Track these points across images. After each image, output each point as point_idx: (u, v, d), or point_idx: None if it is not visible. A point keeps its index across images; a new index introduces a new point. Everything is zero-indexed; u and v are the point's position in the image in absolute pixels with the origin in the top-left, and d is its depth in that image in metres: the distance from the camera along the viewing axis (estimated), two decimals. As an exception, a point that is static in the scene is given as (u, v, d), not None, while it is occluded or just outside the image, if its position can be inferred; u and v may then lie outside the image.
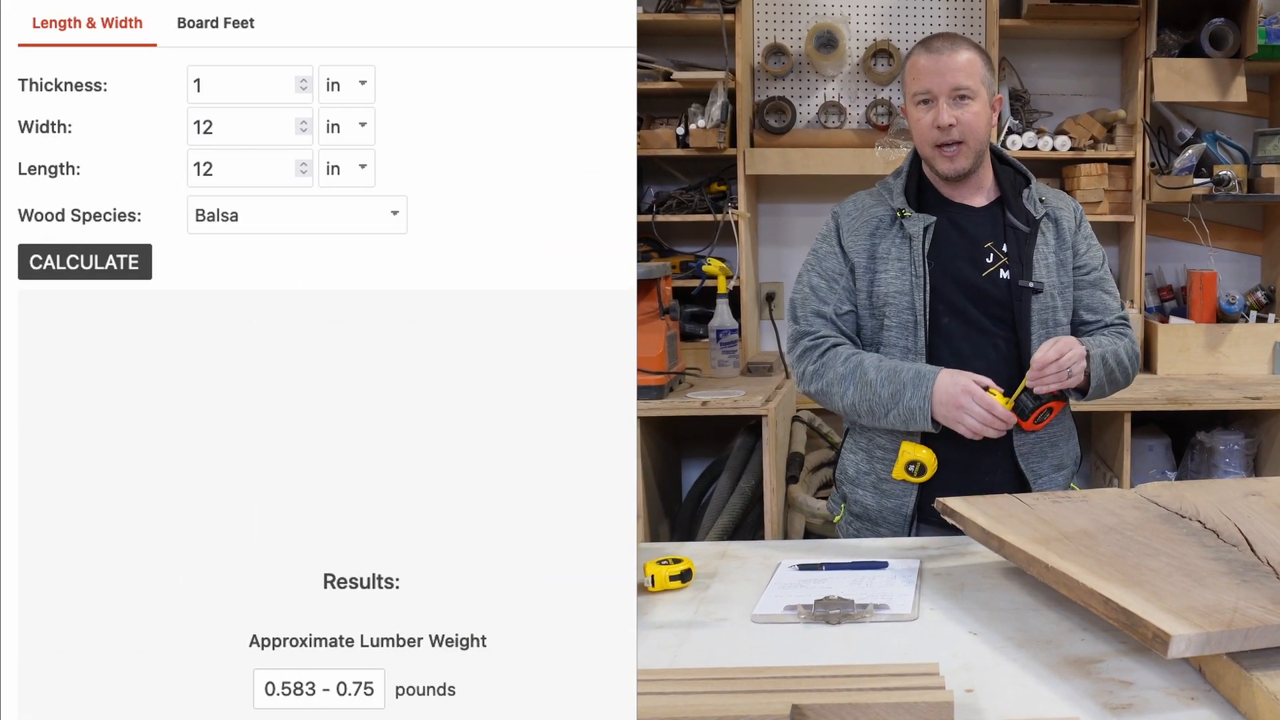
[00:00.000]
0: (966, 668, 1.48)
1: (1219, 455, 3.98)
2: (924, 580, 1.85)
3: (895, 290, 2.36)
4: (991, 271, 2.38)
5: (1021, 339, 2.37)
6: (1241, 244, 4.54)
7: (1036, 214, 2.42)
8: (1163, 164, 4.26)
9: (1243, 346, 4.18)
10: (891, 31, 4.37)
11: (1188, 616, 1.35)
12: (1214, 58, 4.11)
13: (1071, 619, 1.64)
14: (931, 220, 2.38)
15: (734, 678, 1.39)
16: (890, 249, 2.38)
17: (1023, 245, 2.39)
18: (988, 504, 1.92)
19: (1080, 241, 2.48)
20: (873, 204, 2.46)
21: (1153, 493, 1.99)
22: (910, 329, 2.35)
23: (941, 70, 2.31)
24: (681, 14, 4.10)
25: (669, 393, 3.63)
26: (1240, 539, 1.69)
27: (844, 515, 2.51)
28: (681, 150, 4.13)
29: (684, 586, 1.85)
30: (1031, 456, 2.39)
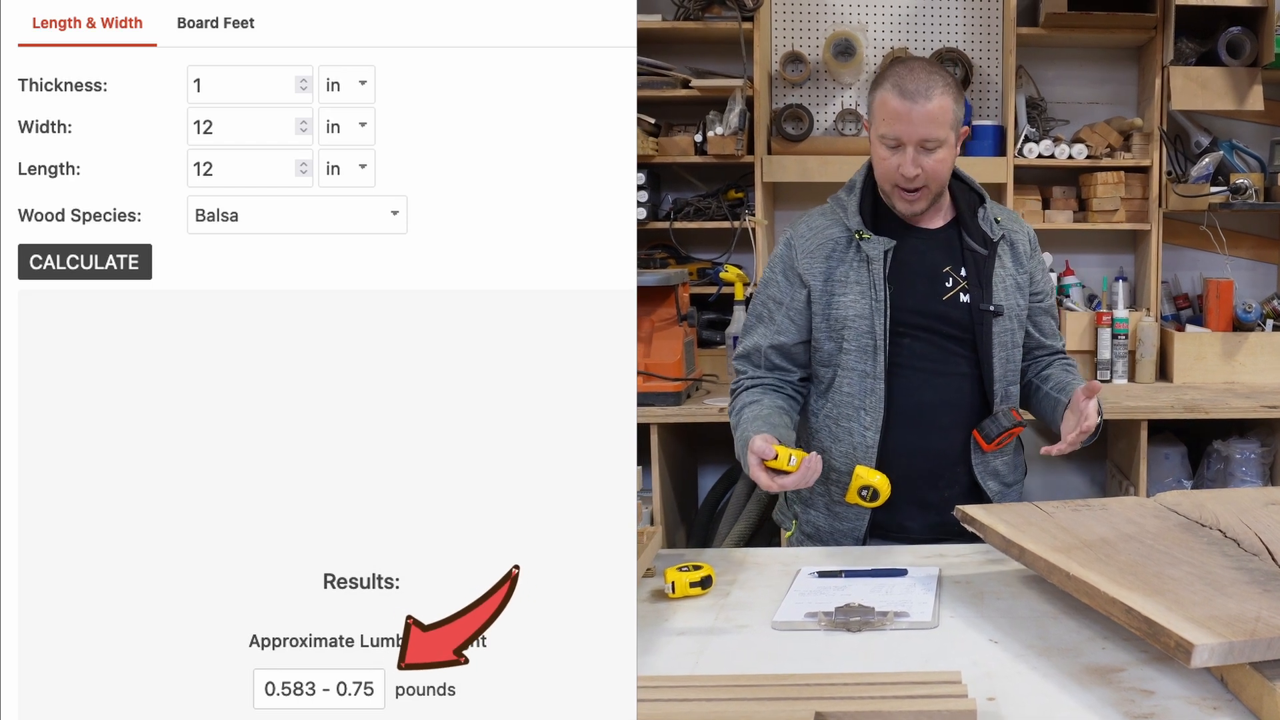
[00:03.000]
0: (988, 676, 1.49)
1: (1235, 464, 3.97)
2: (943, 588, 1.85)
3: (854, 314, 2.32)
4: (951, 295, 2.35)
5: (982, 360, 2.35)
6: (1258, 252, 4.53)
7: (994, 236, 2.39)
8: (1179, 172, 4.26)
9: (1259, 355, 4.17)
10: (909, 39, 4.38)
11: (1210, 626, 1.35)
12: (1231, 66, 4.10)
13: (1092, 627, 1.64)
14: (892, 244, 2.33)
15: (756, 684, 1.40)
16: (849, 272, 2.34)
17: (981, 268, 2.37)
18: (1008, 512, 1.92)
19: (1036, 267, 2.47)
20: (827, 225, 2.40)
21: (1172, 501, 1.99)
22: (869, 353, 2.31)
23: (913, 120, 2.24)
24: (700, 22, 4.11)
25: (686, 399, 3.64)
26: (1261, 548, 1.69)
27: (795, 533, 2.47)
28: (699, 157, 4.14)
29: (704, 593, 1.85)
30: (986, 475, 2.38)
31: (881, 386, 2.31)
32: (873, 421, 2.31)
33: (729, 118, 4.04)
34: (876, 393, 2.31)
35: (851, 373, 2.33)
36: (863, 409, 2.31)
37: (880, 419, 2.31)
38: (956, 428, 2.36)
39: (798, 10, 4.37)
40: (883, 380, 2.31)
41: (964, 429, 2.36)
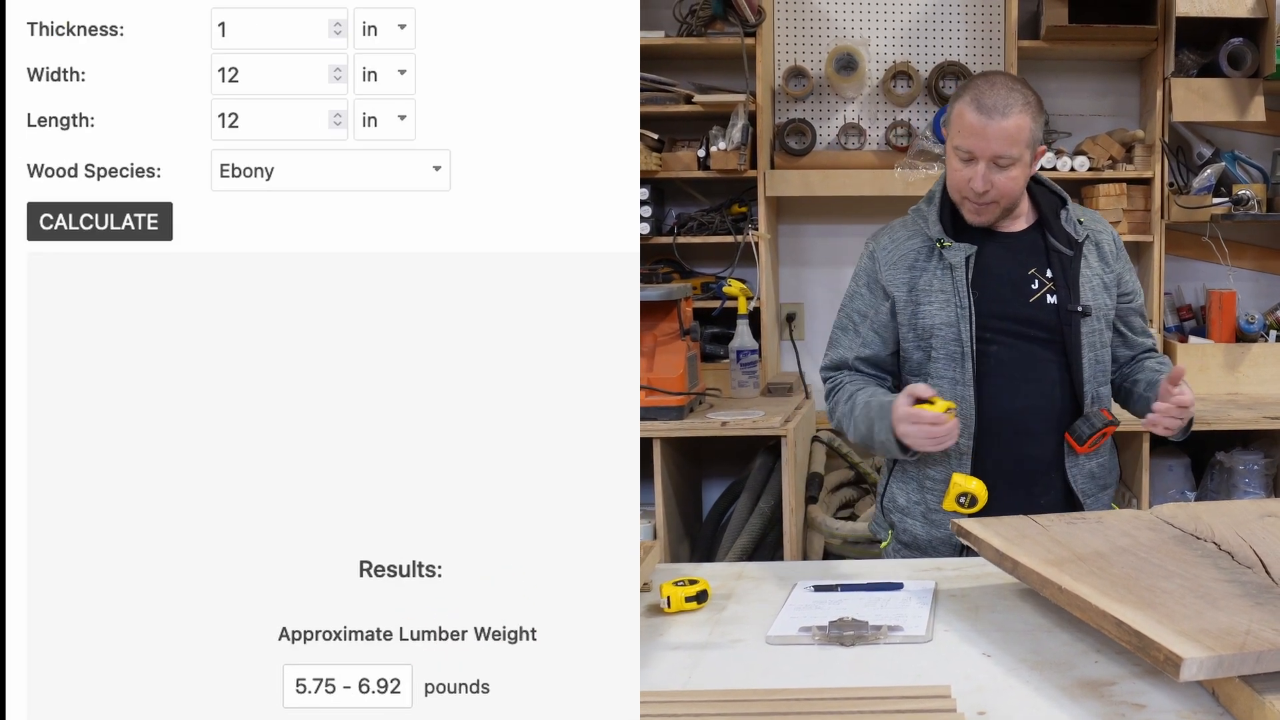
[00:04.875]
0: (979, 690, 1.49)
1: (1238, 475, 3.97)
2: (939, 601, 1.86)
3: (940, 322, 2.35)
4: (1038, 298, 2.37)
5: (1071, 362, 2.37)
6: (1261, 263, 4.52)
7: (1078, 236, 2.40)
8: (1181, 184, 4.26)
9: (1262, 366, 4.17)
10: (911, 53, 4.39)
11: (1200, 639, 1.35)
12: (1232, 77, 4.10)
13: (1085, 641, 1.64)
14: (973, 249, 2.35)
15: (747, 700, 1.40)
16: (932, 281, 2.36)
17: (1067, 268, 2.38)
18: (1002, 525, 1.92)
19: (1124, 268, 2.49)
20: (908, 235, 2.43)
21: (1168, 514, 1.99)
22: (957, 360, 2.34)
23: (988, 136, 2.25)
24: (703, 38, 4.12)
25: (689, 413, 3.64)
26: (1255, 560, 1.69)
27: (890, 542, 2.50)
28: (702, 172, 4.15)
29: (700, 608, 1.86)
30: (1080, 478, 2.40)
31: (971, 394, 2.34)
32: (965, 428, 2.33)
33: (732, 133, 4.05)
34: (967, 400, 2.33)
35: (941, 380, 2.35)
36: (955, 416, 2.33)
37: (972, 426, 2.34)
38: (1048, 433, 2.38)
39: (800, 25, 4.39)
40: (972, 387, 2.34)
41: (1055, 434, 2.38)
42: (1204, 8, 3.99)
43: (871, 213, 4.43)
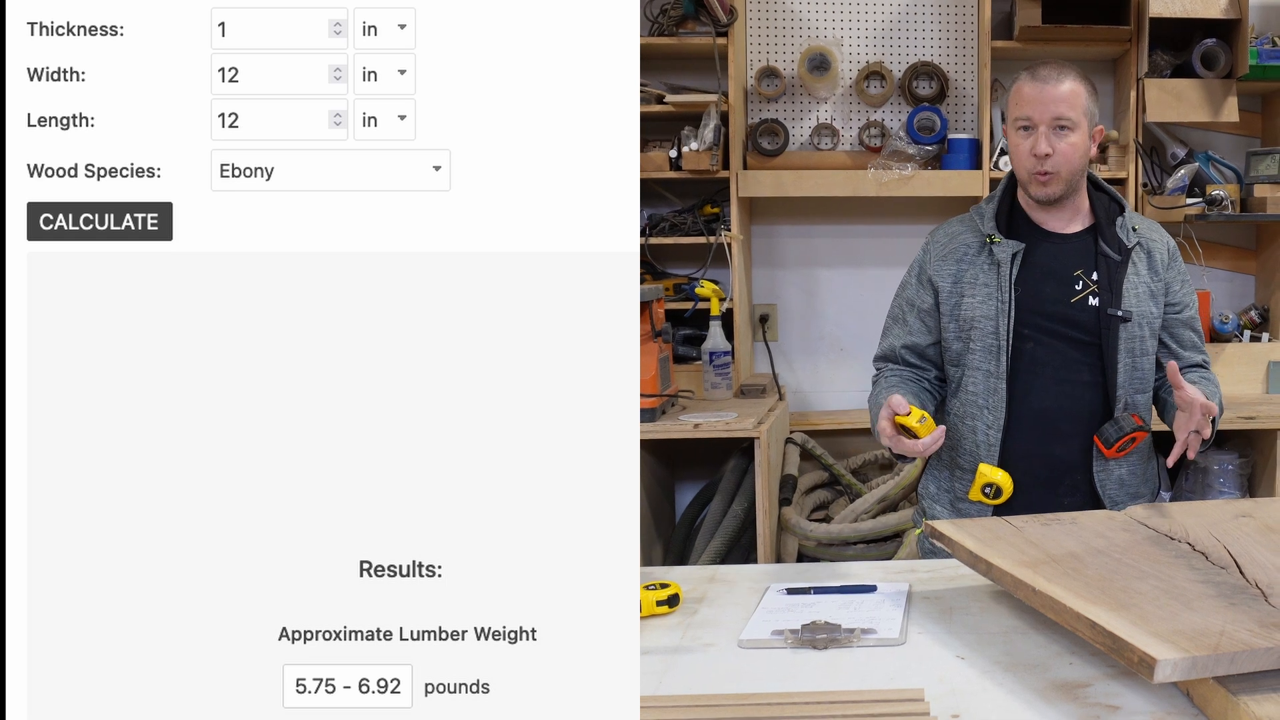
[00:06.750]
0: (953, 692, 1.47)
1: (1214, 475, 3.97)
2: (913, 604, 1.84)
3: (981, 314, 2.39)
4: (1080, 299, 2.40)
5: (1107, 366, 2.38)
6: (1235, 263, 4.53)
7: (1129, 243, 2.43)
8: (1155, 184, 4.27)
9: (1236, 366, 4.18)
10: (884, 54, 4.38)
11: (1174, 640, 1.34)
12: (1206, 78, 4.11)
13: (1060, 643, 1.63)
14: (1020, 247, 2.40)
15: (719, 704, 1.39)
16: (978, 274, 2.42)
17: (1113, 273, 2.40)
18: (975, 527, 1.91)
19: (1174, 278, 2.49)
20: (963, 230, 2.49)
21: (1143, 515, 1.98)
22: (993, 353, 2.38)
23: (1044, 100, 2.33)
24: (675, 37, 4.10)
25: (661, 415, 3.62)
26: (1230, 561, 1.68)
27: (923, 529, 2.50)
28: (674, 173, 4.13)
29: (671, 611, 1.84)
30: (1109, 484, 2.41)
31: (1004, 386, 2.37)
32: (995, 420, 2.38)
33: (704, 133, 4.04)
34: (999, 392, 2.38)
35: (977, 372, 2.40)
36: (986, 408, 2.39)
37: (1002, 419, 2.38)
38: (1077, 435, 2.40)
39: (773, 25, 4.38)
40: (1004, 380, 2.37)
41: (1084, 437, 2.40)
42: (1177, 8, 4.00)
43: (844, 213, 4.43)
